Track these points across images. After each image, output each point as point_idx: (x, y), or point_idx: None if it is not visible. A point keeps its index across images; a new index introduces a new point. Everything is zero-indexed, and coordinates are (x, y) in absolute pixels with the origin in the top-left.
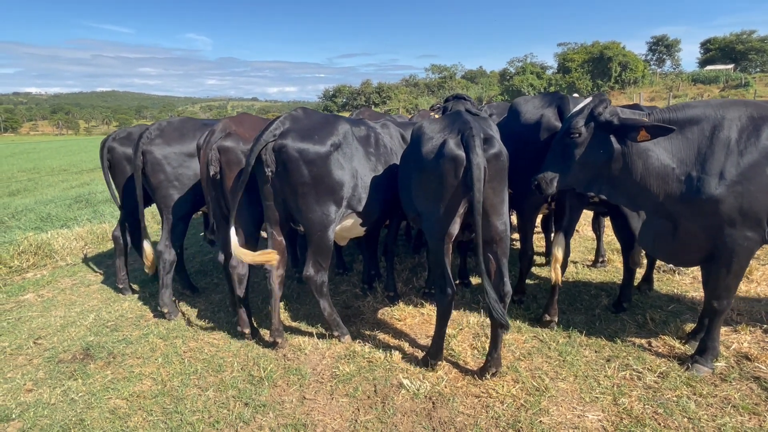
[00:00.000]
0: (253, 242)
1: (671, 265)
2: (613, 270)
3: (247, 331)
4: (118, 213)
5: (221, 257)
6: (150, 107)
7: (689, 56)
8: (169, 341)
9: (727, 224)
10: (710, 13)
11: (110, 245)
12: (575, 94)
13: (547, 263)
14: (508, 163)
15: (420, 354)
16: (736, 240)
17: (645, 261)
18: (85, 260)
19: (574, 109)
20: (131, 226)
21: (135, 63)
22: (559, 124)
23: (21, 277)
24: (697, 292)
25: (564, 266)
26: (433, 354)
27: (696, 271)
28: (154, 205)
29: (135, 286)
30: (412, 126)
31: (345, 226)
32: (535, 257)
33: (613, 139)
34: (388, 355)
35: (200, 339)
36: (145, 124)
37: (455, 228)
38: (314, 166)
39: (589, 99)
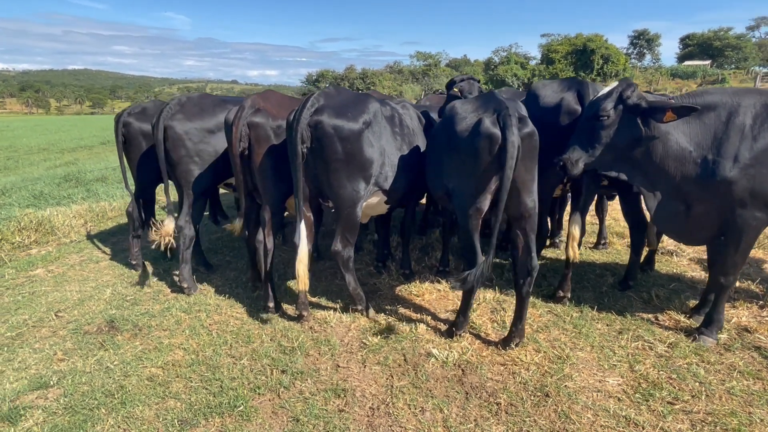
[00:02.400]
0: (279, 217)
1: (682, 243)
2: (614, 252)
3: (271, 305)
4: (112, 191)
5: (245, 233)
6: (125, 87)
7: (668, 51)
8: (192, 314)
9: (739, 205)
10: (690, 9)
11: (111, 223)
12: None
13: (551, 245)
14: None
15: (442, 326)
16: (746, 220)
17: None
18: (89, 237)
19: (601, 93)
20: (146, 202)
21: (109, 40)
22: (579, 108)
23: (26, 254)
24: (695, 272)
25: (579, 244)
26: (458, 325)
27: (693, 252)
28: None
29: (147, 263)
30: (424, 108)
31: (371, 203)
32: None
33: (639, 121)
34: (413, 327)
35: (224, 312)
36: (159, 100)
37: (485, 204)
38: (348, 143)
39: (616, 83)
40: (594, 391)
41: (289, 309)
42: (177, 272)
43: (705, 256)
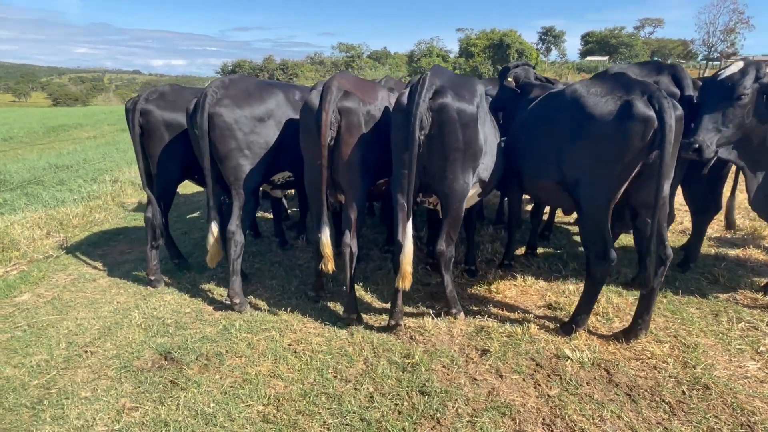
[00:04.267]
0: (363, 215)
1: None
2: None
3: (354, 316)
4: (60, 195)
5: (323, 238)
6: (4, 77)
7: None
8: (261, 334)
9: None
10: (581, 10)
11: (81, 233)
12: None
13: None
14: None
15: (547, 324)
16: None
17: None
18: (66, 251)
19: (729, 72)
20: (166, 205)
21: None
22: (676, 90)
23: None
24: (725, 249)
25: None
26: (579, 322)
27: (712, 232)
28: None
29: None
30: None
31: (469, 195)
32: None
33: (765, 99)
34: (521, 327)
35: (296, 329)
36: (177, 85)
37: (620, 192)
38: (467, 129)
39: (742, 63)
40: (743, 377)
41: (369, 318)
42: (202, 285)
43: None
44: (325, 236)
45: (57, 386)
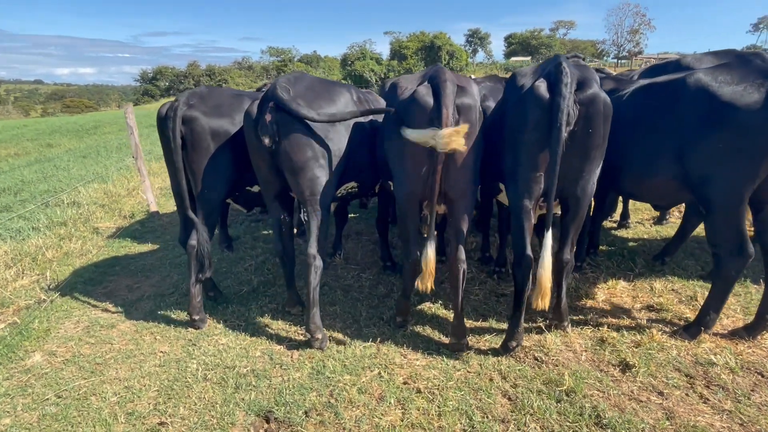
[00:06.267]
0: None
1: None
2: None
3: (465, 342)
4: (10, 225)
5: (428, 253)
6: None
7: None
8: (363, 375)
9: None
10: (498, 13)
11: (63, 269)
12: None
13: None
14: None
15: (656, 326)
16: None
17: None
18: (58, 292)
19: None
20: (210, 229)
21: None
22: None
23: None
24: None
25: None
26: (708, 323)
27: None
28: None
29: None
30: None
31: None
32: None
33: None
34: (643, 335)
35: (398, 363)
36: (211, 86)
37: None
38: (607, 124)
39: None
40: None
41: (472, 340)
42: (253, 319)
43: None
44: (431, 250)
45: None
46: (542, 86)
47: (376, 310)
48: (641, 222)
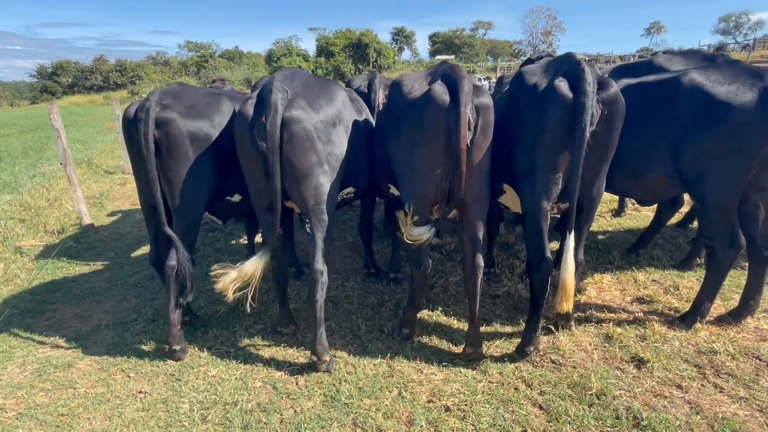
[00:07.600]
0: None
1: None
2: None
3: (481, 350)
4: None
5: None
6: None
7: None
8: (383, 397)
9: None
10: (418, 13)
11: (25, 297)
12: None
13: None
14: None
15: (653, 318)
16: None
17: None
18: (22, 326)
19: None
20: (190, 246)
21: None
22: None
23: None
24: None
25: None
26: (703, 312)
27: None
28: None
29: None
30: None
31: None
32: None
33: None
34: (644, 328)
35: (416, 380)
36: (182, 83)
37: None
38: (621, 124)
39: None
40: None
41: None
42: (240, 343)
43: None
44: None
45: None
46: (563, 85)
47: (373, 322)
48: (601, 215)
